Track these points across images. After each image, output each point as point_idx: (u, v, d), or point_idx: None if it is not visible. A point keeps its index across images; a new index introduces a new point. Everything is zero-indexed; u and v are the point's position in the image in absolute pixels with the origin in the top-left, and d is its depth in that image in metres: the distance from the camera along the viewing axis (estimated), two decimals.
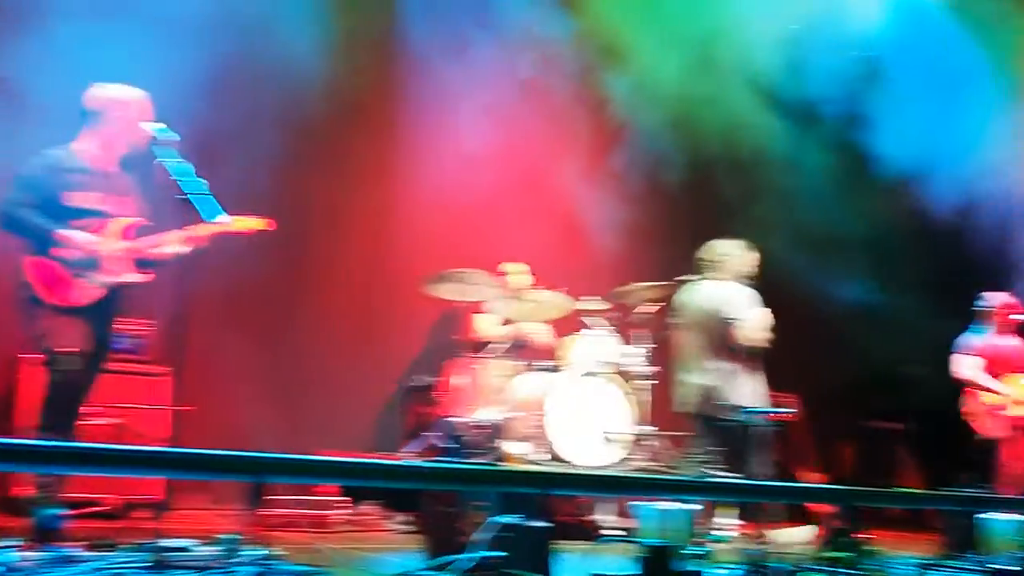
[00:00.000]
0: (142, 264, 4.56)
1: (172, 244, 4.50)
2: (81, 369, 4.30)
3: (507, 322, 6.74)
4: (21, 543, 3.80)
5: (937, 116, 8.12)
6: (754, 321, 6.02)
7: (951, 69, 8.43)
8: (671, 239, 8.63)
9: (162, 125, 4.48)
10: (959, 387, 7.15)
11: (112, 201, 4.51)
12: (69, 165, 4.46)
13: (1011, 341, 7.14)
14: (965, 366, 7.06)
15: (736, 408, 6.00)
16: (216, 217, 4.41)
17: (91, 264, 4.38)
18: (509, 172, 8.09)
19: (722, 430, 6.02)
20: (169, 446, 4.11)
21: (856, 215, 8.81)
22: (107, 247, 4.42)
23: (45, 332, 4.30)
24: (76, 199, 4.42)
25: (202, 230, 4.41)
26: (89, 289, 4.38)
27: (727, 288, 6.18)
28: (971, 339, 7.17)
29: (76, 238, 4.35)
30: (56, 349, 4.28)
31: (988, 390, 6.95)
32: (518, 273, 7.41)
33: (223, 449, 2.98)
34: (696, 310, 6.25)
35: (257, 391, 6.31)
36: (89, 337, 4.35)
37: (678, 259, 7.69)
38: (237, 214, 4.63)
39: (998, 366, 7.02)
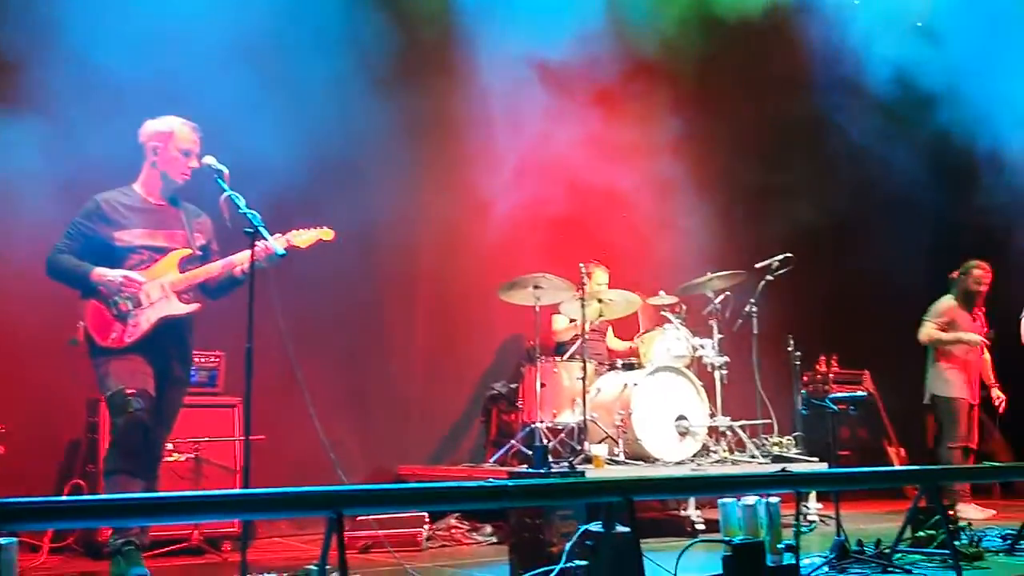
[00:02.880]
0: (205, 293, 4.53)
1: (229, 268, 4.46)
2: (144, 409, 4.24)
3: (582, 323, 6.68)
4: None
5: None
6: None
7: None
8: (737, 231, 8.52)
9: (211, 158, 4.43)
10: None
11: (164, 235, 4.50)
12: (118, 204, 4.46)
13: None
14: None
15: None
16: (274, 239, 4.31)
17: (130, 301, 4.34)
18: (572, 174, 7.97)
19: None
20: (242, 477, 4.03)
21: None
22: (154, 282, 4.39)
23: (102, 375, 4.31)
24: (126, 237, 4.41)
25: (260, 251, 4.24)
26: (133, 327, 4.34)
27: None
28: None
29: (111, 276, 4.31)
30: (112, 391, 4.25)
31: None
32: (597, 274, 7.33)
33: (299, 475, 2.92)
34: None
35: (334, 414, 6.27)
36: (148, 376, 4.31)
37: (744, 250, 7.62)
38: (297, 228, 4.58)
39: None
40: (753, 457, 6.54)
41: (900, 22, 8.45)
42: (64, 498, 5.13)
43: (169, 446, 5.02)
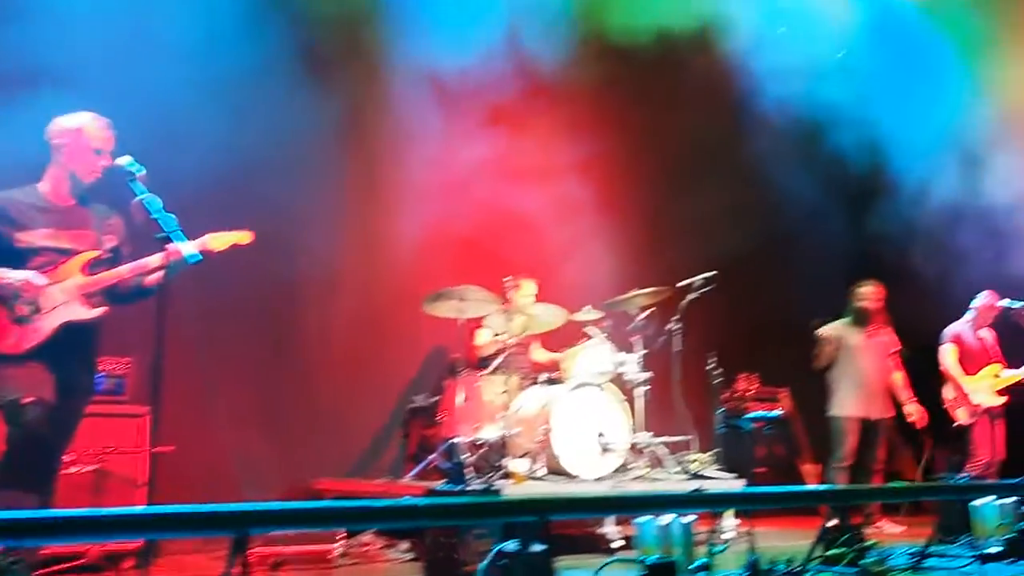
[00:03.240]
0: (114, 298, 4.36)
1: (139, 272, 4.30)
2: (41, 419, 3.99)
3: (506, 337, 6.64)
4: None
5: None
6: None
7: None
8: (660, 247, 8.60)
9: (128, 157, 4.25)
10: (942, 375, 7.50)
11: (70, 236, 4.29)
12: (21, 204, 4.25)
13: (986, 334, 7.53)
14: (942, 355, 7.47)
15: None
16: (188, 243, 4.15)
17: (30, 305, 4.13)
18: (501, 187, 7.94)
19: None
20: (148, 491, 3.87)
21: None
22: (57, 285, 4.19)
23: None
24: (27, 238, 4.19)
25: (171, 254, 4.07)
26: (32, 332, 4.11)
27: None
28: (952, 330, 7.53)
29: (10, 278, 4.09)
30: (6, 400, 3.99)
31: (954, 380, 7.33)
32: (520, 287, 7.30)
33: (209, 488, 2.80)
34: None
35: (248, 424, 6.11)
36: (48, 384, 4.07)
37: (669, 267, 7.67)
38: (213, 231, 4.43)
39: (972, 357, 7.40)
40: (672, 473, 6.57)
41: (808, 50, 8.60)
42: None
43: (69, 458, 4.79)
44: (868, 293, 7.56)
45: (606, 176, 8.48)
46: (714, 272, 7.10)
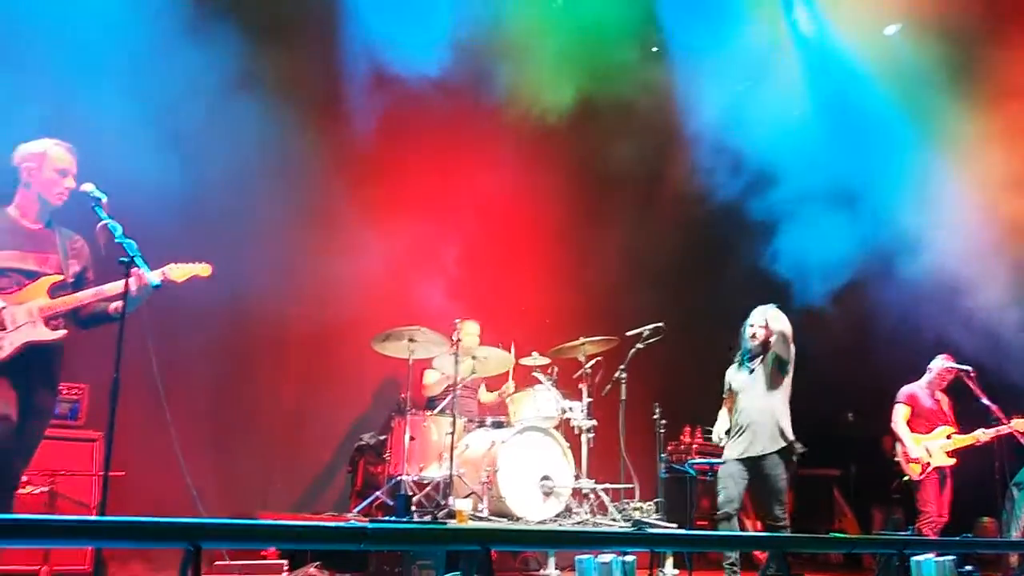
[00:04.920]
0: (76, 322, 4.44)
1: (102, 297, 4.39)
2: (6, 435, 4.08)
3: (454, 378, 6.77)
4: None
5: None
6: None
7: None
8: (615, 294, 8.77)
9: (90, 184, 4.38)
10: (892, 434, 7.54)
11: (36, 259, 4.39)
12: None
13: (941, 397, 7.58)
14: (895, 415, 7.50)
15: None
16: (150, 270, 4.29)
17: None
18: (455, 228, 8.12)
19: None
20: (99, 513, 3.94)
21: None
22: (21, 306, 4.27)
23: None
24: None
25: (134, 281, 4.23)
26: None
27: None
28: (906, 391, 7.57)
29: None
30: None
31: (902, 441, 7.37)
32: (469, 330, 7.43)
33: (158, 513, 2.89)
34: None
35: (197, 455, 6.14)
36: (11, 402, 4.15)
37: (622, 313, 7.85)
38: (174, 262, 4.55)
39: (926, 417, 7.44)
40: (614, 520, 6.68)
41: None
42: None
43: (24, 478, 4.83)
44: (742, 331, 6.88)
45: (555, 216, 8.67)
46: (659, 324, 7.27)
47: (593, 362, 7.24)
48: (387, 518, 6.05)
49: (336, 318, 7.75)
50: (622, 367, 7.24)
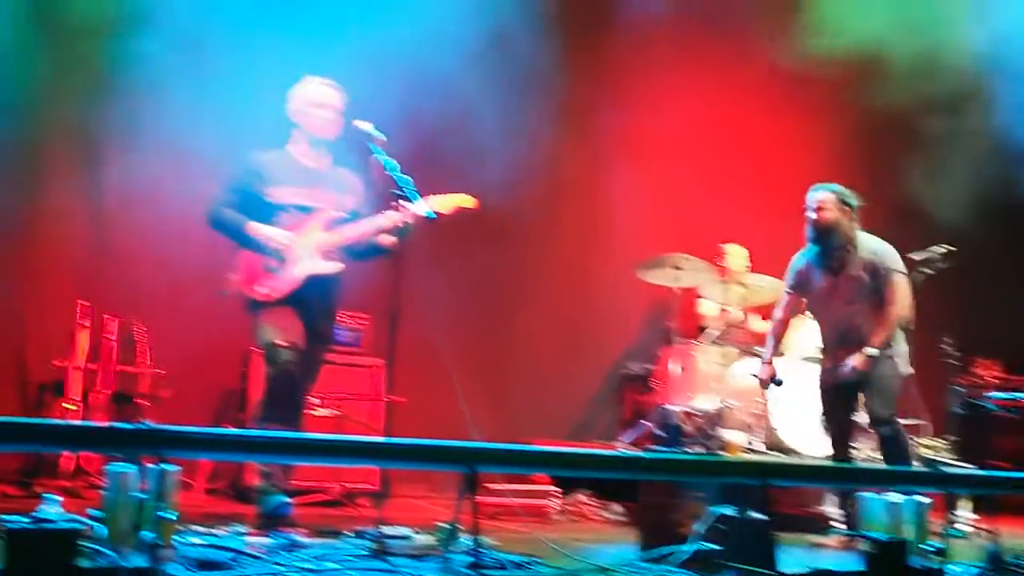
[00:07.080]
0: (350, 255, 4.65)
1: (375, 230, 4.54)
2: (293, 362, 4.38)
3: (724, 307, 6.55)
4: (250, 530, 3.95)
5: None
6: None
7: None
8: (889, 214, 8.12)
9: (368, 124, 4.52)
10: None
11: (316, 196, 4.61)
12: (272, 163, 4.62)
13: None
14: None
15: None
16: (419, 201, 4.39)
17: (279, 257, 4.47)
18: (722, 154, 7.83)
19: None
20: (384, 436, 4.14)
21: None
22: (303, 240, 4.52)
23: (255, 326, 4.50)
24: (278, 195, 4.56)
25: (405, 213, 4.35)
26: (280, 283, 4.48)
27: None
28: None
29: (264, 231, 4.47)
30: (265, 343, 4.43)
31: None
32: (736, 256, 7.17)
33: (436, 439, 2.97)
34: None
35: (470, 382, 6.35)
36: (297, 329, 4.45)
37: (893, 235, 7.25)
38: (440, 193, 4.62)
39: None
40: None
41: None
42: (218, 430, 5.36)
43: (316, 400, 5.21)
44: None
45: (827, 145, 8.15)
46: (950, 248, 6.65)
47: None
48: (658, 448, 5.98)
49: (601, 247, 7.72)
50: None
